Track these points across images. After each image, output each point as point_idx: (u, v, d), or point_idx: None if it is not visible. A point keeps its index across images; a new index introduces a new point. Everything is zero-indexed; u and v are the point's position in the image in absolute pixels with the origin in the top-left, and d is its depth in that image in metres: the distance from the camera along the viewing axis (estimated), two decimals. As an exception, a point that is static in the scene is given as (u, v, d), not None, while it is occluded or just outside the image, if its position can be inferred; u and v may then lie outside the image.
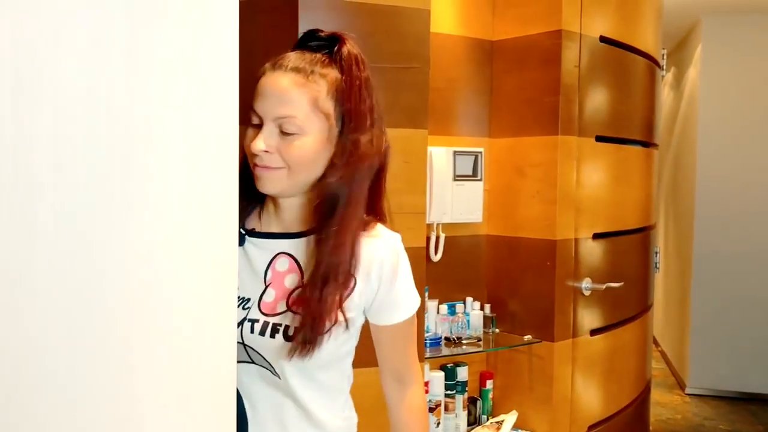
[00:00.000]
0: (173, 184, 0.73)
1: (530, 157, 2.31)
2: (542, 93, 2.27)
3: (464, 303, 2.34)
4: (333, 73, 1.17)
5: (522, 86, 2.32)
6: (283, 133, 1.15)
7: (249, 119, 1.18)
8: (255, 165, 1.17)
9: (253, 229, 1.24)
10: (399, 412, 1.32)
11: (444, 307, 2.30)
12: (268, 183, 1.17)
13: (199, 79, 0.77)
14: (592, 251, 2.41)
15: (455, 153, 2.28)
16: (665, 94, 6.36)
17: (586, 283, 2.35)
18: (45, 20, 0.59)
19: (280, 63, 1.18)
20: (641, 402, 2.83)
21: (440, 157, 2.24)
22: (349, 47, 1.19)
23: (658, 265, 3.04)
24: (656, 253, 3.01)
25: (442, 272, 2.29)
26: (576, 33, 2.27)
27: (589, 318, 2.41)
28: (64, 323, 0.62)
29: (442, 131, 2.29)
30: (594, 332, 2.43)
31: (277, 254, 1.21)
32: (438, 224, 2.26)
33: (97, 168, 0.64)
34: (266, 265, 1.21)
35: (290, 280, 1.20)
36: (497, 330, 2.39)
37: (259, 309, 1.19)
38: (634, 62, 2.61)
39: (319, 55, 1.19)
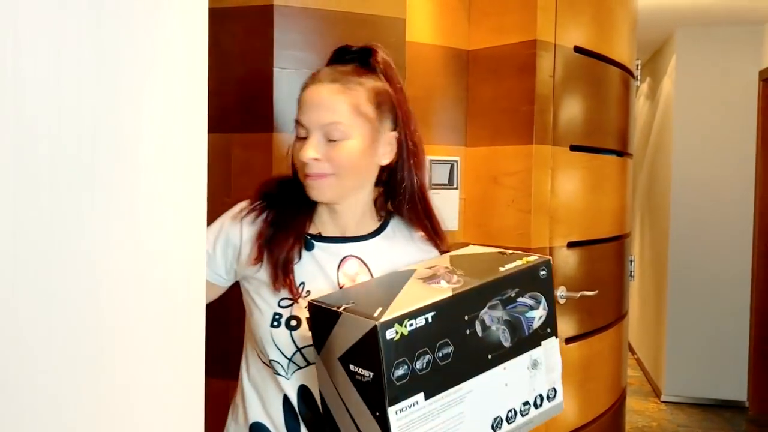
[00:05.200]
0: (141, 187, 0.73)
1: (505, 166, 2.32)
2: (517, 102, 2.28)
3: (440, 311, 2.33)
4: (370, 81, 1.25)
5: (497, 95, 2.34)
6: (330, 141, 1.22)
7: (296, 132, 1.25)
8: (306, 175, 1.23)
9: (319, 233, 1.29)
10: None
11: (420, 316, 2.30)
12: (318, 191, 1.24)
13: (168, 83, 0.76)
14: (567, 259, 2.42)
15: (431, 161, 2.28)
16: (641, 104, 6.43)
17: (560, 292, 2.37)
18: (3, 17, 0.59)
19: (316, 77, 1.26)
20: (617, 409, 2.85)
21: (416, 165, 2.24)
22: (383, 55, 1.29)
23: (633, 274, 3.07)
24: (631, 261, 3.04)
25: (418, 280, 2.28)
26: (550, 43, 2.29)
27: (564, 326, 2.42)
28: (29, 327, 0.61)
29: (418, 140, 2.29)
30: (569, 340, 2.44)
31: (345, 257, 1.27)
32: (414, 232, 2.26)
33: (61, 171, 0.63)
34: (336, 269, 1.26)
35: (362, 279, 1.25)
36: (473, 338, 2.39)
37: None
38: (609, 72, 2.63)
39: (350, 67, 1.27)
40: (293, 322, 1.22)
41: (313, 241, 1.28)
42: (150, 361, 0.74)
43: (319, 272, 1.25)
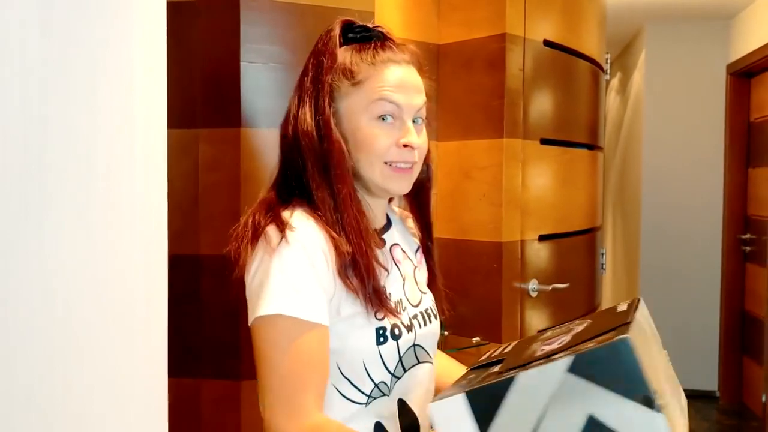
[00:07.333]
0: (96, 183, 0.71)
1: (477, 160, 2.32)
2: (488, 96, 2.28)
3: (413, 306, 2.33)
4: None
5: (468, 89, 2.33)
6: (414, 124, 1.12)
7: (376, 113, 1.10)
8: (394, 164, 1.10)
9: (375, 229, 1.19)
10: None
11: (393, 311, 2.29)
12: (406, 183, 1.13)
13: (125, 78, 0.74)
14: (539, 253, 2.43)
15: (402, 156, 2.27)
16: (612, 99, 6.48)
17: (532, 285, 2.37)
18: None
19: (393, 58, 1.14)
20: (589, 401, 2.86)
21: (387, 160, 2.23)
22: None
23: (604, 266, 3.09)
24: (602, 254, 3.06)
25: (390, 276, 2.28)
26: (520, 37, 2.29)
27: (536, 319, 2.43)
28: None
29: (389, 134, 2.28)
30: (541, 333, 2.45)
31: (391, 246, 1.18)
32: (386, 227, 2.25)
33: (9, 167, 0.61)
34: (391, 260, 1.16)
35: (407, 265, 1.19)
36: (446, 332, 2.39)
37: (410, 303, 1.15)
38: (578, 66, 2.64)
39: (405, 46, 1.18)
40: (397, 331, 1.09)
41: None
42: (108, 359, 0.72)
43: (386, 271, 1.12)
